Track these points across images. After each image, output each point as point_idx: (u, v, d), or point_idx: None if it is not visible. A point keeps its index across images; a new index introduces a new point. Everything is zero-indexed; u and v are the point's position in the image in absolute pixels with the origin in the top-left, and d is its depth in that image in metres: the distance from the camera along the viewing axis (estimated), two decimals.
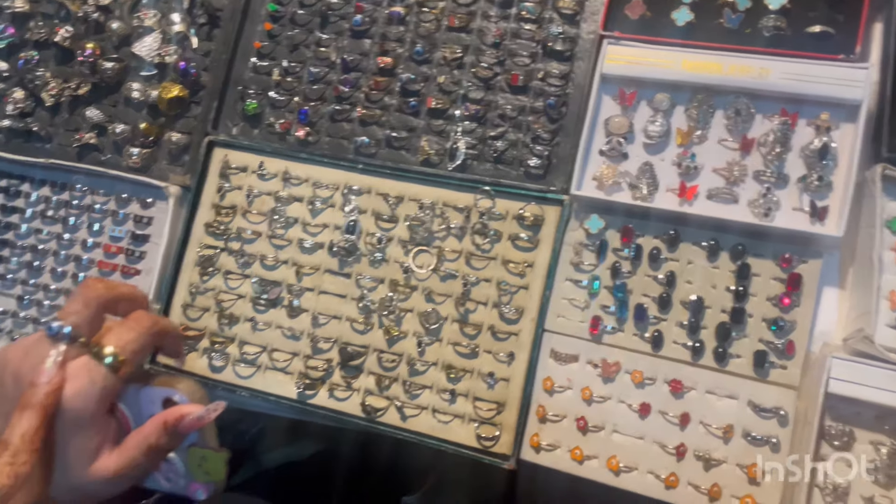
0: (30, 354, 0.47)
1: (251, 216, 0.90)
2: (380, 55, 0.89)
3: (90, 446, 0.48)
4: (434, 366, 0.82)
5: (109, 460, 0.48)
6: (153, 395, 0.51)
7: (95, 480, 0.48)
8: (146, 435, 0.49)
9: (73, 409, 0.46)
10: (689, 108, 0.78)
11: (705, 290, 0.76)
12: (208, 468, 0.52)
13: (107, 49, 0.97)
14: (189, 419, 0.48)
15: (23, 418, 0.45)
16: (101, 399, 0.47)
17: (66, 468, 0.47)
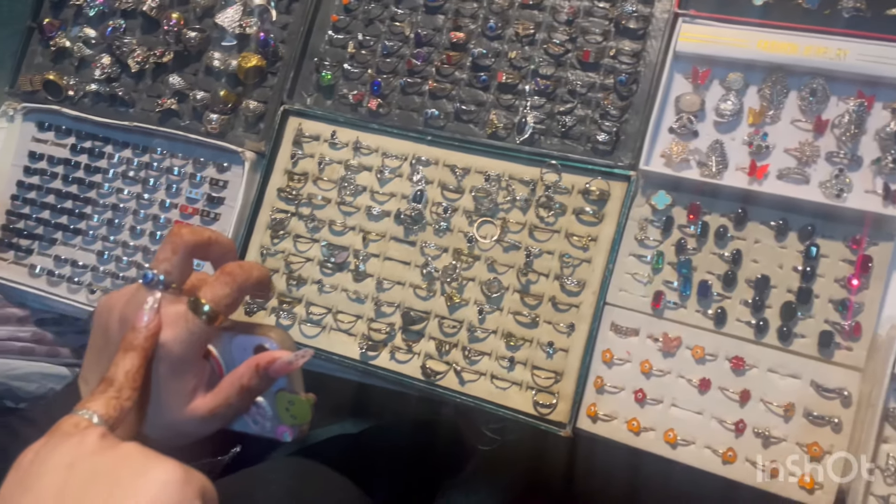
0: (132, 300, 0.51)
1: (322, 183, 0.93)
2: (453, 30, 0.91)
3: (186, 388, 0.51)
4: (494, 334, 0.84)
5: (204, 401, 0.51)
6: (245, 343, 0.53)
7: (191, 419, 0.51)
8: (239, 376, 0.51)
9: (170, 353, 0.49)
10: (763, 88, 0.78)
11: (771, 270, 0.76)
12: (295, 412, 0.54)
13: (190, 19, 1.02)
14: (279, 363, 0.51)
15: (126, 358, 0.48)
16: (196, 346, 0.50)
17: (162, 408, 0.51)
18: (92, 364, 0.55)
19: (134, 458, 0.42)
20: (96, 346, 0.54)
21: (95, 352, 0.55)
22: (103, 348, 0.53)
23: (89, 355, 0.55)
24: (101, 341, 0.53)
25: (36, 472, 0.41)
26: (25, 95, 1.07)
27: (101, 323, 0.54)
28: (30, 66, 1.08)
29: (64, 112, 1.04)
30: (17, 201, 1.04)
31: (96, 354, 0.54)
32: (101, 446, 0.42)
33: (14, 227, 1.03)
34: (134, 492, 0.40)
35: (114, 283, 0.99)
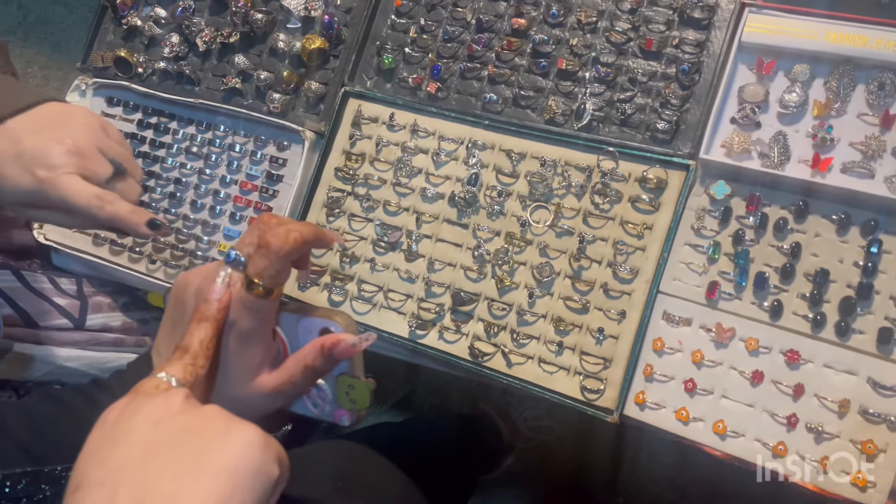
0: (209, 276, 0.53)
1: (378, 164, 0.95)
2: (514, 17, 0.92)
3: (252, 363, 0.53)
4: (543, 318, 0.84)
5: (270, 377, 0.53)
6: (311, 325, 0.55)
7: (255, 394, 0.53)
8: (304, 356, 0.53)
9: (236, 327, 0.51)
10: (829, 81, 0.77)
11: (831, 264, 0.75)
12: (354, 396, 0.55)
13: (258, 1, 1.05)
14: (344, 345, 0.52)
15: (200, 328, 0.50)
16: (259, 321, 0.52)
17: (229, 381, 0.53)
18: (166, 336, 0.57)
19: (218, 419, 0.44)
20: (171, 318, 0.57)
21: (170, 324, 0.57)
22: (178, 321, 0.56)
23: (164, 328, 0.58)
24: (177, 314, 0.56)
25: (124, 428, 0.42)
26: (97, 71, 1.11)
27: (178, 297, 0.56)
28: (102, 43, 1.12)
29: (132, 88, 1.07)
30: None
31: (171, 327, 0.57)
32: (186, 406, 0.44)
33: None
34: (219, 449, 0.41)
35: (173, 254, 1.02)
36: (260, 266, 0.50)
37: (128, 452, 0.41)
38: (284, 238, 0.50)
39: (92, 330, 1.02)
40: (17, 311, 0.95)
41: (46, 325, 0.97)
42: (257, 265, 0.51)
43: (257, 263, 0.51)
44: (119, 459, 0.40)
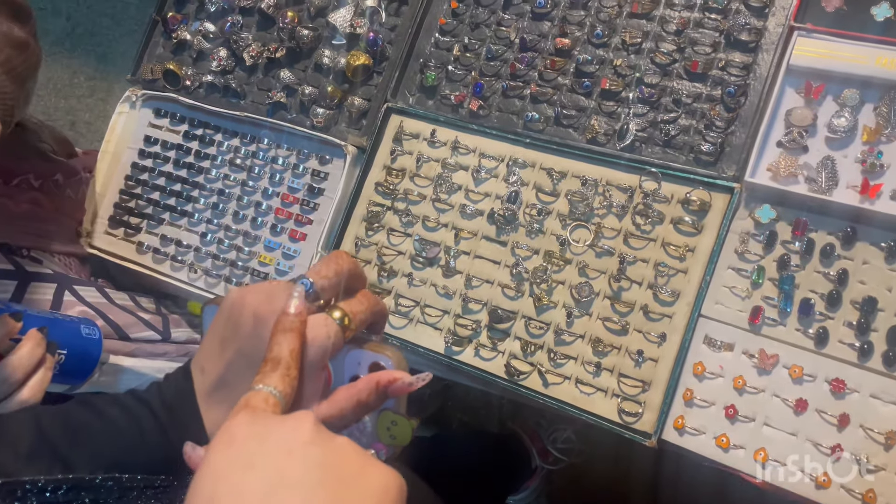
0: (272, 297, 0.52)
1: (418, 179, 0.96)
2: (558, 37, 0.92)
3: (309, 392, 0.51)
4: (581, 338, 0.84)
5: (319, 409, 0.51)
6: (361, 358, 0.53)
7: (301, 420, 0.52)
8: (358, 391, 0.51)
9: (307, 354, 0.50)
10: (879, 106, 0.76)
11: (880, 292, 0.73)
12: (395, 432, 0.54)
13: (304, 18, 1.07)
14: (401, 384, 0.51)
15: (286, 338, 0.49)
16: (329, 351, 0.51)
17: None
18: (213, 353, 0.55)
19: (352, 456, 0.43)
20: (220, 336, 0.55)
21: (218, 341, 0.55)
22: (229, 339, 0.54)
23: (209, 344, 0.56)
24: (228, 332, 0.54)
25: (257, 453, 0.41)
26: (146, 83, 1.13)
27: (231, 315, 0.54)
28: (152, 56, 1.15)
29: (180, 100, 1.10)
30: (130, 181, 1.11)
31: (218, 344, 0.55)
32: (317, 436, 0.43)
33: (126, 206, 1.10)
34: (358, 491, 0.40)
35: (214, 264, 1.04)
36: (357, 309, 0.52)
37: (263, 482, 0.40)
38: (378, 301, 0.54)
39: (179, 342, 1.04)
40: (109, 324, 0.96)
41: (137, 337, 0.98)
42: (354, 307, 0.52)
43: (354, 306, 0.52)
44: (254, 488, 0.39)
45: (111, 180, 1.12)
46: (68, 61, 2.52)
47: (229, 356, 0.52)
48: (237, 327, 0.53)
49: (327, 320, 0.50)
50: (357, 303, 0.52)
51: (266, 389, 0.46)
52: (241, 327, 0.53)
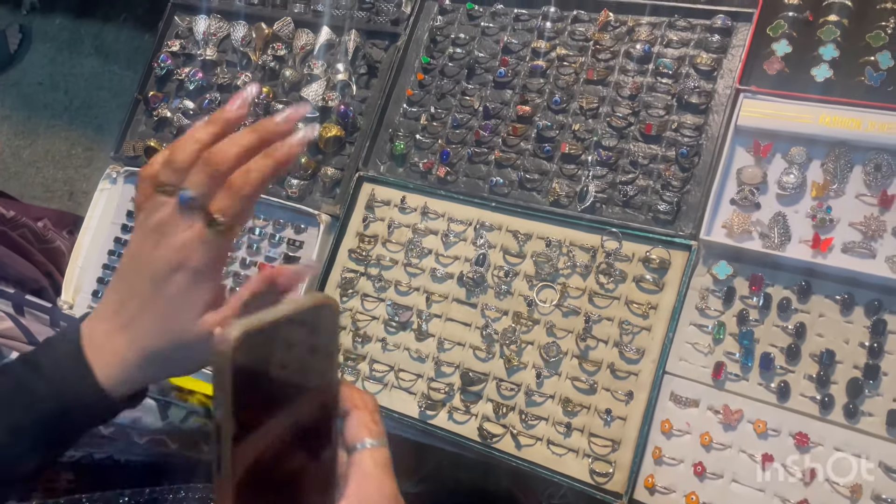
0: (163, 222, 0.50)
1: (390, 245, 0.98)
2: (519, 104, 0.96)
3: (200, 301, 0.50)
4: (551, 398, 0.85)
5: (216, 314, 0.51)
6: None
7: (199, 334, 0.51)
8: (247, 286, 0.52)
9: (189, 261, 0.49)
10: (826, 162, 0.79)
11: (837, 345, 0.74)
12: None
13: (279, 93, 1.11)
14: (287, 275, 0.52)
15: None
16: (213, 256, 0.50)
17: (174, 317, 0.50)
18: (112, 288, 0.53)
19: None
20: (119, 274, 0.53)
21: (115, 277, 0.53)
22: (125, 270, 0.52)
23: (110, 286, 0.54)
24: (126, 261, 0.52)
25: None
26: (128, 160, 1.17)
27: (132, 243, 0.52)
28: (134, 133, 1.19)
29: None
30: (112, 256, 1.13)
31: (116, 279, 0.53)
32: None
33: (108, 280, 1.12)
34: None
35: None
36: (224, 205, 0.49)
37: None
38: (246, 178, 0.49)
39: None
40: None
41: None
42: (221, 203, 0.49)
43: (222, 202, 0.49)
44: None
45: (94, 255, 1.14)
46: (66, 133, 2.58)
47: (129, 281, 0.51)
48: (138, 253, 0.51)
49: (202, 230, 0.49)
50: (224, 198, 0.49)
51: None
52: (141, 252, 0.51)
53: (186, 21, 1.21)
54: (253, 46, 1.14)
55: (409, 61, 1.05)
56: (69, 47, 2.71)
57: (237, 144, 0.49)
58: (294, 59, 1.12)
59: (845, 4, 0.80)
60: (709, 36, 0.88)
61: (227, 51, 1.17)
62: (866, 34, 0.79)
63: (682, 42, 0.90)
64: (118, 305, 0.51)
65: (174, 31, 1.22)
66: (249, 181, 0.49)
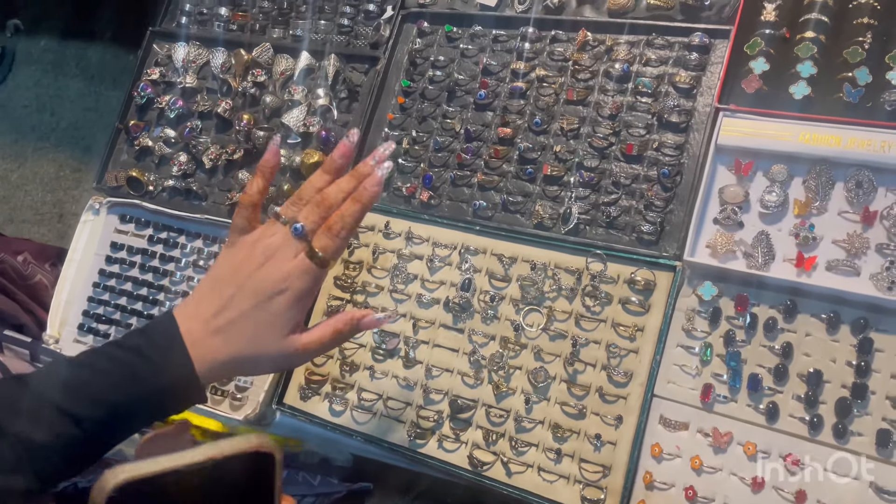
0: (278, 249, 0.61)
1: (375, 271, 0.97)
2: (500, 126, 0.95)
3: (295, 319, 0.61)
4: (541, 424, 0.84)
5: (302, 336, 0.61)
6: None
7: (287, 346, 0.60)
8: (335, 321, 0.63)
9: (293, 286, 0.59)
10: (807, 180, 0.78)
11: (824, 364, 0.74)
12: None
13: (259, 119, 1.10)
14: (370, 318, 0.63)
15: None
16: (312, 284, 0.61)
17: (273, 331, 0.60)
18: (210, 291, 0.61)
19: None
20: (218, 276, 0.62)
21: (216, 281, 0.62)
22: (230, 278, 0.61)
23: (206, 284, 0.62)
24: (229, 272, 0.61)
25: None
26: (110, 190, 1.16)
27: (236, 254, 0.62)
28: (116, 163, 1.19)
29: (144, 206, 1.12)
30: (97, 288, 1.12)
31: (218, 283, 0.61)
32: None
33: (94, 313, 1.11)
34: None
35: None
36: (324, 243, 0.60)
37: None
38: (343, 222, 0.60)
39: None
40: None
41: None
42: (322, 241, 0.60)
43: (322, 240, 0.60)
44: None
45: (78, 287, 1.13)
46: (54, 155, 2.57)
47: (230, 292, 0.60)
48: (242, 269, 0.61)
49: (306, 259, 0.60)
50: (325, 237, 0.60)
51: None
52: (245, 269, 0.60)
53: (165, 48, 1.20)
54: (233, 73, 1.13)
55: (390, 85, 1.04)
56: (55, 69, 2.69)
57: (342, 190, 0.62)
58: (274, 85, 1.11)
59: (822, 21, 0.80)
60: (687, 53, 0.88)
61: (207, 78, 1.17)
62: (843, 50, 0.78)
63: (660, 60, 0.90)
64: (217, 309, 0.59)
65: (153, 59, 1.21)
66: (345, 224, 0.60)
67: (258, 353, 0.60)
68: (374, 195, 0.62)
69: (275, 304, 0.59)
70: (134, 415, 0.57)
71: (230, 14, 1.18)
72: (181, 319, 0.59)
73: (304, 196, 0.62)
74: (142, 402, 0.56)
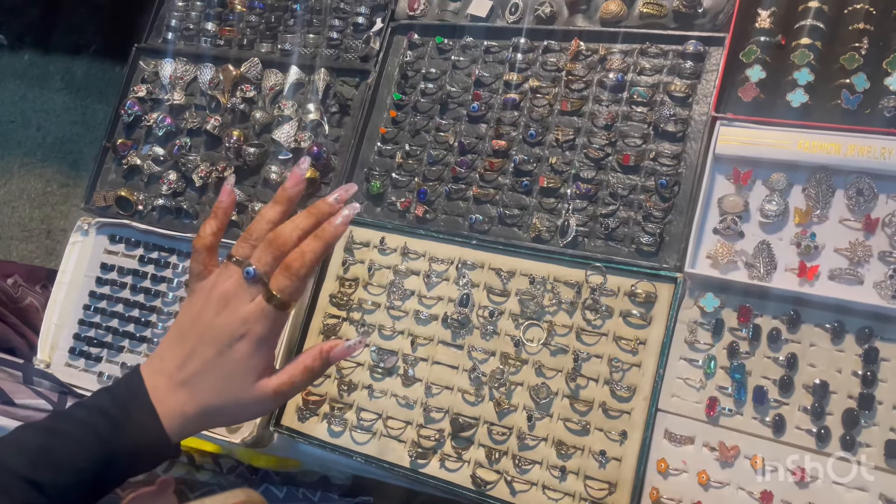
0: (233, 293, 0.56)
1: (371, 288, 0.96)
2: (495, 138, 0.94)
3: (259, 366, 0.57)
4: (544, 441, 0.83)
5: (271, 380, 0.57)
6: None
7: (257, 395, 0.57)
8: (304, 359, 0.58)
9: (252, 331, 0.55)
10: (807, 188, 0.78)
11: (830, 374, 0.73)
12: None
13: (250, 136, 1.09)
14: (339, 348, 0.59)
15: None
16: (273, 328, 0.56)
17: (236, 381, 0.56)
18: (173, 342, 0.58)
19: None
20: (181, 326, 0.58)
21: (178, 331, 0.58)
22: (191, 328, 0.57)
23: (171, 335, 0.58)
24: (189, 321, 0.58)
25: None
26: (99, 211, 1.14)
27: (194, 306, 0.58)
28: (104, 182, 1.17)
29: (133, 226, 1.11)
30: (88, 311, 1.10)
31: (179, 333, 0.58)
32: None
33: (85, 336, 1.09)
34: None
35: None
36: (282, 284, 0.55)
37: None
38: (302, 260, 0.56)
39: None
40: None
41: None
42: (279, 283, 0.55)
43: (280, 282, 0.55)
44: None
45: (69, 310, 1.11)
46: (41, 171, 2.54)
47: (192, 343, 0.56)
48: (201, 318, 0.57)
49: (263, 304, 0.55)
50: (282, 278, 0.55)
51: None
52: (204, 317, 0.57)
53: (152, 65, 1.19)
54: (221, 89, 1.12)
55: (381, 98, 1.03)
56: (39, 83, 2.67)
57: (298, 228, 0.57)
58: (264, 101, 1.10)
59: (817, 27, 0.79)
60: (681, 62, 0.87)
61: (195, 94, 1.15)
62: (840, 56, 0.78)
63: (655, 69, 0.89)
64: (181, 361, 0.56)
65: (140, 76, 1.19)
66: (305, 263, 0.56)
67: (228, 402, 0.57)
68: (338, 234, 0.58)
69: (236, 351, 0.56)
70: (102, 477, 0.54)
71: (217, 29, 1.16)
72: (147, 375, 0.57)
73: (256, 232, 0.58)
74: (109, 463, 0.54)
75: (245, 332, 0.55)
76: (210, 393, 0.56)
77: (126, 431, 0.54)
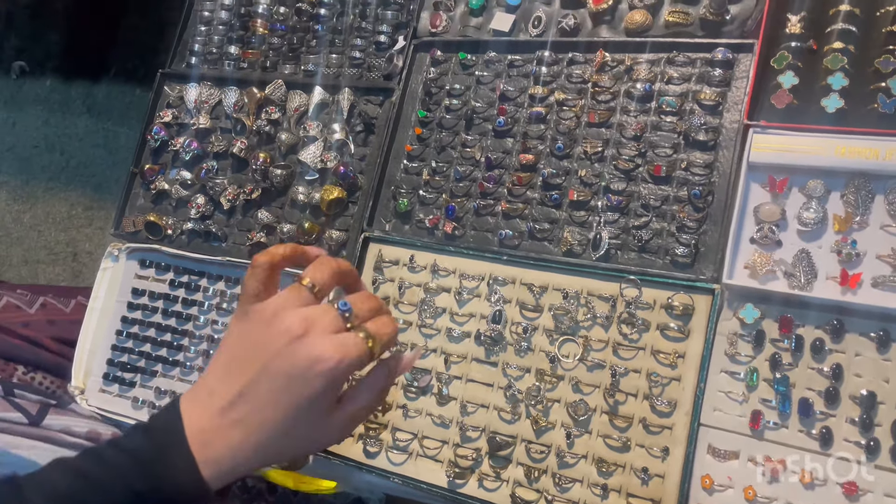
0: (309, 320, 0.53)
1: (402, 306, 0.95)
2: (522, 152, 0.94)
3: (332, 401, 0.54)
4: (584, 458, 0.82)
5: (346, 406, 0.56)
6: None
7: (330, 426, 0.55)
8: (373, 381, 0.57)
9: (333, 371, 0.51)
10: (846, 194, 0.76)
11: (877, 385, 0.71)
12: None
13: (276, 157, 1.09)
14: (406, 362, 0.59)
15: None
16: (355, 369, 0.53)
17: (309, 418, 0.53)
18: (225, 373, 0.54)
19: None
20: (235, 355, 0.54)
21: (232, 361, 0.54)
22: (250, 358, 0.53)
23: (219, 366, 0.54)
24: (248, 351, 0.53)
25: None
26: (128, 236, 1.15)
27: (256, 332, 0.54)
28: (132, 208, 1.17)
29: (163, 250, 1.11)
30: (121, 336, 1.11)
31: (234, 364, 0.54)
32: None
33: (118, 362, 1.10)
34: None
35: None
36: (378, 329, 0.55)
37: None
38: (391, 328, 0.56)
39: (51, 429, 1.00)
40: None
41: None
42: (380, 328, 0.55)
43: (381, 327, 0.55)
44: None
45: (101, 337, 1.12)
46: (65, 194, 2.57)
47: (250, 375, 0.52)
48: (265, 345, 0.52)
49: (361, 345, 0.53)
50: (382, 325, 0.55)
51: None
52: (270, 345, 0.52)
53: (177, 90, 1.20)
54: (246, 111, 1.12)
55: (406, 115, 1.03)
56: (62, 108, 2.71)
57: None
58: (289, 122, 1.10)
59: (849, 30, 0.78)
60: (710, 70, 0.86)
61: (221, 117, 1.16)
62: (875, 60, 0.76)
63: (683, 78, 0.88)
64: (234, 397, 0.52)
65: (165, 101, 1.20)
66: (391, 332, 0.56)
67: (292, 439, 0.53)
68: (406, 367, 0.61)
69: (310, 386, 0.51)
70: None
71: (240, 52, 1.17)
72: (189, 412, 0.52)
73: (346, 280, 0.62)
74: None
75: (328, 367, 0.50)
76: (272, 431, 0.52)
77: (160, 481, 0.51)
